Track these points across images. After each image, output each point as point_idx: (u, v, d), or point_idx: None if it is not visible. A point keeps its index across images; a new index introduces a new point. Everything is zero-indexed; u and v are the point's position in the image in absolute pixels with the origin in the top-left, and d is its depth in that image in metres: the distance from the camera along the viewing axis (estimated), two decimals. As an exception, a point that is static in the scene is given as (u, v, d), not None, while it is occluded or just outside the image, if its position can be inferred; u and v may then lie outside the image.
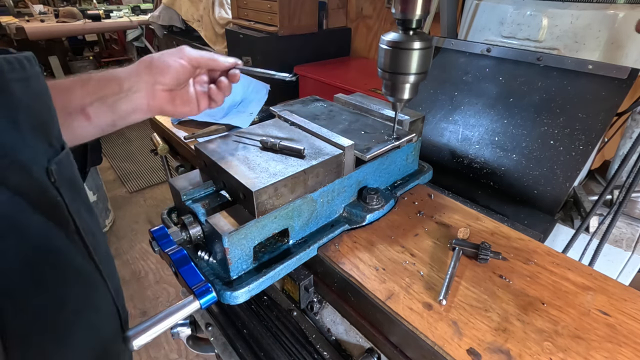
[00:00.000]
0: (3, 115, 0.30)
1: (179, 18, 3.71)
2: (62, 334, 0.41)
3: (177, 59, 0.68)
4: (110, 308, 0.49)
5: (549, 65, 1.03)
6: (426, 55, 0.71)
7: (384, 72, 0.74)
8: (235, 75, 0.75)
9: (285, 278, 0.79)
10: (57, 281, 0.40)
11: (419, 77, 0.73)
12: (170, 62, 0.67)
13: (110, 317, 0.49)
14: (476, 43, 1.17)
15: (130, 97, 0.65)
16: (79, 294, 0.43)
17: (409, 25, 0.69)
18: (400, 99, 0.77)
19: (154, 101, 0.69)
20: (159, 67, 0.67)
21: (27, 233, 0.37)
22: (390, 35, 0.71)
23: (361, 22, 3.01)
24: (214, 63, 0.72)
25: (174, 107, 0.72)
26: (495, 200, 0.99)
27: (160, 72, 0.67)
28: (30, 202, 0.36)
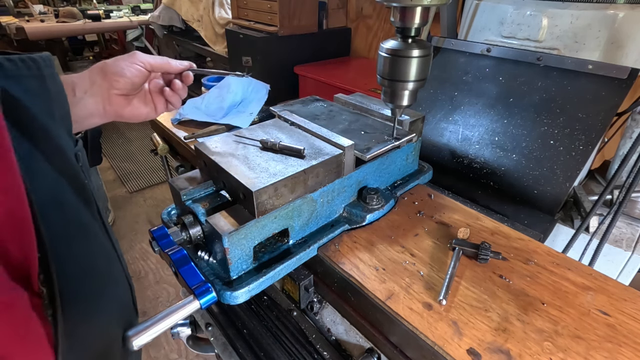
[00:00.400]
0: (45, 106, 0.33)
1: (179, 18, 3.71)
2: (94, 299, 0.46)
3: (132, 64, 0.69)
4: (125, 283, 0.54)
5: (549, 65, 1.03)
6: (425, 62, 0.72)
7: (383, 79, 0.75)
8: (188, 76, 0.77)
9: (285, 278, 0.79)
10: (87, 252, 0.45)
11: (418, 84, 0.74)
12: (124, 67, 0.69)
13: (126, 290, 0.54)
14: (476, 43, 1.16)
15: (85, 103, 0.66)
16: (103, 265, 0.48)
17: (408, 34, 0.70)
18: (399, 106, 0.78)
19: (110, 106, 0.70)
20: (114, 72, 0.68)
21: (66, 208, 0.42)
22: (390, 43, 0.72)
23: (361, 22, 3.01)
24: (167, 66, 0.74)
25: (131, 111, 0.73)
26: (495, 200, 0.99)
27: (114, 77, 0.68)
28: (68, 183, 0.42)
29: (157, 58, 0.73)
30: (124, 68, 0.68)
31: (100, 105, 0.68)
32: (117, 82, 0.68)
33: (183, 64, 0.76)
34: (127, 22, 4.46)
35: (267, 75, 2.69)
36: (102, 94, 0.68)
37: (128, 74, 0.69)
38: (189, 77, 0.77)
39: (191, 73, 0.77)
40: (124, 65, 0.69)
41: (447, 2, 0.66)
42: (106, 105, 0.69)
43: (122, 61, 0.69)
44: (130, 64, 0.69)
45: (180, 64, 0.76)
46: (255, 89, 1.34)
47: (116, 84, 0.68)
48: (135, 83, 0.70)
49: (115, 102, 0.70)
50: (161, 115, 1.33)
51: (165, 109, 0.79)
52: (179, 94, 0.78)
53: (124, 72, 0.68)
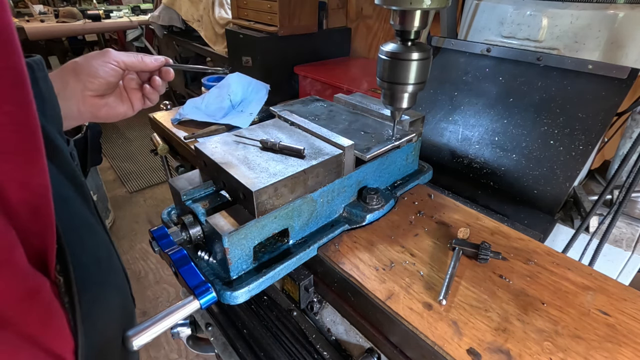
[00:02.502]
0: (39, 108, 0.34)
1: (179, 18, 3.71)
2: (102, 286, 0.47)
3: (106, 63, 0.67)
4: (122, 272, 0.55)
5: (549, 65, 1.03)
6: (425, 65, 0.72)
7: (383, 81, 0.75)
8: (169, 72, 0.75)
9: (285, 278, 0.79)
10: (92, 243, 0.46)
11: (417, 87, 0.74)
12: (98, 67, 0.66)
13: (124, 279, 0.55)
14: (476, 43, 1.17)
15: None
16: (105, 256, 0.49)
17: (408, 37, 0.70)
18: (399, 108, 0.78)
19: (85, 107, 0.67)
20: (87, 73, 0.65)
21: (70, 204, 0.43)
22: (389, 46, 0.72)
23: (361, 22, 3.01)
24: (142, 64, 0.72)
25: (107, 111, 0.72)
26: (495, 200, 0.99)
27: (88, 79, 0.65)
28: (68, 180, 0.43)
29: (130, 56, 0.70)
30: (97, 68, 0.66)
31: (74, 108, 0.66)
32: (91, 83, 0.66)
33: (158, 60, 0.74)
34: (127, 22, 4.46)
35: (267, 75, 2.69)
36: (75, 96, 0.65)
37: (102, 73, 0.66)
38: (169, 73, 0.75)
39: (171, 69, 0.75)
40: (98, 65, 0.66)
41: (446, 5, 0.66)
42: (80, 107, 0.67)
43: (94, 60, 0.66)
44: (104, 63, 0.67)
45: (155, 60, 0.73)
46: (255, 89, 1.34)
47: (90, 84, 0.66)
48: (110, 83, 0.68)
49: (90, 103, 0.68)
50: (161, 115, 1.33)
51: (143, 105, 0.77)
52: (158, 91, 0.76)
53: (98, 72, 0.66)
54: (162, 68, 0.75)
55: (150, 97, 0.76)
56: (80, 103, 0.66)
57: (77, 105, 0.66)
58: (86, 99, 0.67)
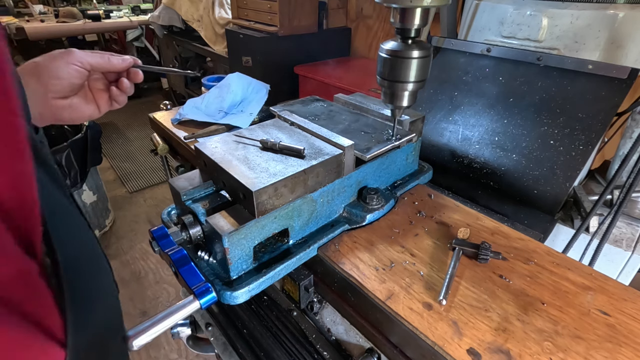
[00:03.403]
0: None
1: (179, 18, 3.71)
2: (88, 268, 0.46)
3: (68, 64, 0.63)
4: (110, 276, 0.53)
5: (549, 65, 1.03)
6: (425, 63, 0.72)
7: (383, 79, 0.75)
8: (137, 74, 0.71)
9: (285, 278, 0.79)
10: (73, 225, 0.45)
11: (417, 85, 0.74)
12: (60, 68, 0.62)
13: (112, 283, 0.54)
14: (476, 43, 1.16)
15: None
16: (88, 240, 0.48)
17: (408, 35, 0.70)
18: (399, 107, 0.78)
19: (47, 110, 0.64)
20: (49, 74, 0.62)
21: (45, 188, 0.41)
22: (389, 44, 0.71)
23: (361, 22, 3.01)
24: (109, 65, 0.68)
25: (71, 113, 0.68)
26: (495, 200, 0.99)
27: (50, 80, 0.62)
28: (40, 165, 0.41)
29: (96, 56, 0.67)
30: (60, 69, 0.62)
31: (35, 110, 0.62)
32: (54, 85, 0.62)
33: (126, 61, 0.70)
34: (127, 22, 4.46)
35: (267, 75, 2.69)
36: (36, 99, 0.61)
37: (65, 75, 0.62)
38: (137, 74, 0.72)
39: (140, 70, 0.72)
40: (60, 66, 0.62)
41: (447, 3, 0.66)
42: (42, 110, 0.63)
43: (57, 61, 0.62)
44: (67, 64, 0.63)
45: (122, 61, 0.70)
46: (255, 89, 1.34)
47: (52, 87, 0.62)
48: (73, 84, 0.65)
49: (52, 106, 0.64)
50: (161, 115, 1.33)
51: (110, 107, 0.73)
52: (126, 92, 0.73)
53: (61, 73, 0.62)
54: (130, 69, 0.71)
55: (118, 99, 0.72)
56: (41, 106, 0.63)
57: (39, 108, 0.63)
58: (48, 102, 0.63)
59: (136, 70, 0.71)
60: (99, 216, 2.68)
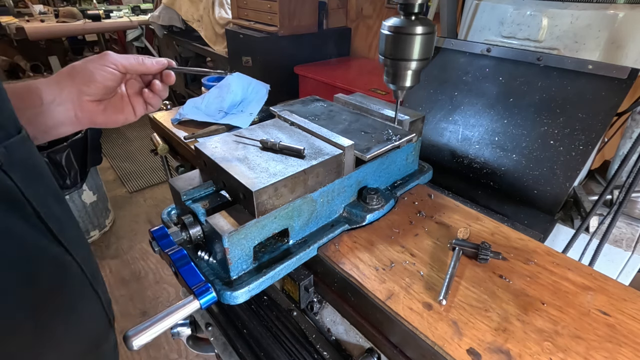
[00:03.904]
0: None
1: (179, 18, 3.71)
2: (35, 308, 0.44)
3: (103, 67, 0.64)
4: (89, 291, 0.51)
5: (549, 65, 1.03)
6: (428, 40, 0.69)
7: (386, 58, 0.72)
8: (170, 76, 0.71)
9: (285, 278, 0.79)
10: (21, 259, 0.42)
11: (421, 64, 0.71)
12: (94, 70, 0.63)
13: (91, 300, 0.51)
14: (476, 43, 1.16)
15: (53, 111, 0.61)
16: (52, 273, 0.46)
17: (411, 10, 0.67)
18: (402, 87, 0.75)
19: (82, 113, 0.65)
20: (83, 77, 0.63)
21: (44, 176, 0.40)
22: (392, 20, 0.69)
23: (361, 22, 3.01)
24: (143, 67, 0.68)
25: (106, 117, 0.68)
26: (495, 200, 0.99)
27: (84, 82, 0.63)
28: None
29: (130, 58, 0.67)
30: (94, 72, 0.63)
31: (72, 113, 0.63)
32: (88, 87, 0.63)
33: (160, 63, 0.70)
34: (127, 22, 4.46)
35: (267, 75, 2.69)
36: (72, 101, 0.63)
37: (99, 78, 0.63)
38: (170, 76, 0.72)
39: (172, 72, 0.72)
40: (94, 69, 0.63)
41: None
42: (78, 113, 0.64)
43: (91, 64, 0.64)
44: (101, 67, 0.64)
45: (156, 63, 0.70)
46: (255, 89, 1.34)
47: (87, 89, 0.63)
48: (108, 87, 0.65)
49: (88, 109, 0.65)
50: (161, 115, 1.33)
51: (145, 111, 0.74)
52: (160, 95, 0.73)
53: (95, 76, 0.63)
54: (163, 71, 0.72)
55: (151, 102, 0.73)
56: (77, 108, 0.64)
57: (74, 110, 0.64)
58: (84, 104, 0.64)
59: (168, 72, 0.71)
60: (99, 216, 2.68)
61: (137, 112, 0.73)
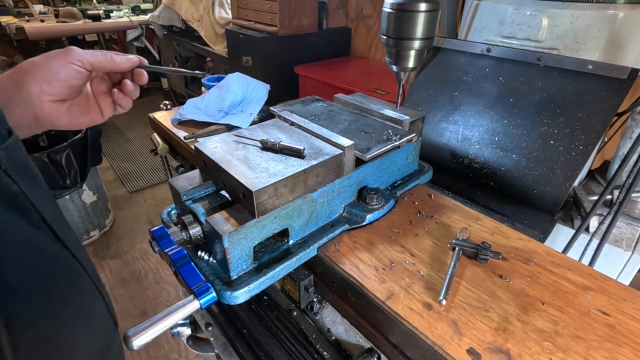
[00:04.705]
0: None
1: (179, 18, 3.71)
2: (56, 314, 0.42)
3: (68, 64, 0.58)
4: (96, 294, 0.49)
5: (549, 65, 1.03)
6: (432, 18, 0.67)
7: (388, 38, 0.70)
8: (142, 75, 0.66)
9: (285, 278, 0.79)
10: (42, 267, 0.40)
11: (424, 43, 0.69)
12: (58, 68, 0.57)
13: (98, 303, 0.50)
14: (476, 43, 1.16)
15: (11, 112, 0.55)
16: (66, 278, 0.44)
17: None
18: (404, 68, 0.73)
19: (43, 114, 0.58)
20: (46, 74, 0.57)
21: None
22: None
23: (361, 22, 3.01)
24: (112, 65, 0.62)
25: (70, 118, 0.62)
26: (495, 200, 0.99)
27: (46, 81, 0.57)
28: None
29: (97, 54, 0.61)
30: (58, 69, 0.57)
31: (31, 114, 0.57)
32: (51, 86, 0.57)
33: (131, 60, 0.64)
34: (127, 22, 4.46)
35: (267, 75, 2.69)
36: (31, 102, 0.56)
37: (63, 76, 0.57)
38: (142, 75, 0.66)
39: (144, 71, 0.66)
40: (58, 66, 0.57)
41: None
42: (38, 114, 0.58)
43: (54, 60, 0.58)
44: (66, 64, 0.58)
45: (127, 60, 0.64)
46: (255, 89, 1.34)
47: (49, 89, 0.57)
48: (72, 86, 0.60)
49: (50, 110, 0.59)
50: (161, 115, 1.33)
51: (114, 111, 0.68)
52: (130, 96, 0.67)
53: (58, 74, 0.57)
54: (134, 70, 0.66)
55: (121, 103, 0.67)
56: (37, 109, 0.57)
57: (34, 111, 0.57)
58: (45, 105, 0.58)
59: (140, 71, 0.66)
60: (99, 216, 2.68)
61: (105, 113, 0.67)
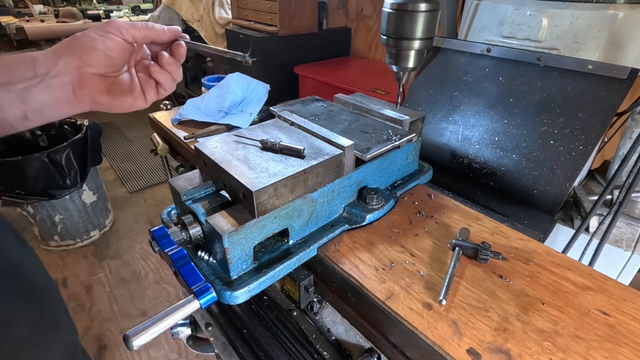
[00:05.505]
0: None
1: (179, 18, 3.71)
2: None
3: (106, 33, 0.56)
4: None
5: (549, 65, 1.03)
6: (432, 18, 0.67)
7: (388, 38, 0.70)
8: (180, 47, 0.62)
9: (285, 278, 0.79)
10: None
11: (424, 43, 0.69)
12: (97, 37, 0.55)
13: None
14: (476, 43, 1.16)
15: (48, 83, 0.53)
16: None
17: None
18: (404, 68, 0.73)
19: (82, 89, 0.56)
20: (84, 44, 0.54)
21: None
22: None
23: (361, 22, 3.01)
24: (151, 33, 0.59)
25: (111, 98, 0.59)
26: (495, 200, 0.99)
27: (85, 50, 0.54)
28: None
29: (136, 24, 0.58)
30: (96, 39, 0.55)
31: (69, 88, 0.55)
32: (88, 55, 0.54)
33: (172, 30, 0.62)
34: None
35: (267, 75, 2.69)
36: (70, 73, 0.54)
37: (101, 45, 0.55)
38: (180, 47, 0.63)
39: (183, 43, 0.64)
40: (97, 36, 0.55)
41: None
42: (77, 88, 0.55)
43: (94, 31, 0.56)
44: (105, 34, 0.56)
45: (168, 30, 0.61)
46: (255, 89, 1.34)
47: (87, 58, 0.54)
48: (112, 58, 0.57)
49: (89, 84, 0.56)
50: (161, 115, 1.33)
51: (157, 94, 0.65)
52: (169, 71, 0.63)
53: (97, 43, 0.55)
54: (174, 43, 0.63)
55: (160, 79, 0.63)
56: (76, 82, 0.55)
57: (73, 84, 0.55)
58: (84, 78, 0.55)
59: (179, 43, 0.62)
60: (99, 216, 2.68)
61: (148, 97, 0.64)
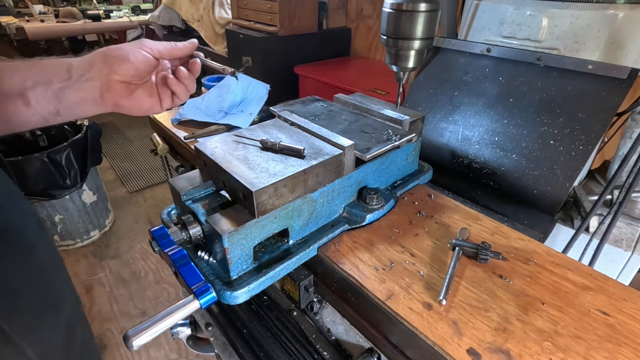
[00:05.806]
0: None
1: (179, 18, 3.71)
2: None
3: (138, 49, 0.66)
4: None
5: (549, 65, 1.03)
6: (432, 18, 0.68)
7: (388, 38, 0.71)
8: (195, 64, 0.73)
9: (285, 278, 0.79)
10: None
11: (424, 43, 0.69)
12: (129, 51, 0.65)
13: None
14: (476, 43, 1.16)
15: (81, 86, 0.62)
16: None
17: None
18: (404, 68, 0.74)
19: (109, 93, 0.65)
20: (117, 56, 0.64)
21: None
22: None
23: (361, 22, 3.01)
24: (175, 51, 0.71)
25: (131, 102, 0.69)
26: (495, 200, 0.99)
27: (117, 62, 0.64)
28: None
29: (164, 43, 0.70)
30: (128, 53, 0.65)
31: (97, 91, 0.64)
32: (119, 66, 0.64)
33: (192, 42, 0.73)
34: (127, 22, 4.47)
35: (267, 75, 2.69)
36: (100, 78, 0.64)
37: (132, 59, 0.65)
38: (196, 64, 0.73)
39: (199, 60, 0.74)
40: (129, 49, 0.65)
41: None
42: (104, 92, 0.65)
43: (127, 46, 0.66)
44: (136, 49, 0.66)
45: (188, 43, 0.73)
46: (255, 89, 1.34)
47: (118, 68, 0.64)
48: (139, 70, 0.66)
49: (115, 90, 0.66)
50: (161, 115, 1.33)
51: (172, 103, 0.74)
52: (185, 84, 0.73)
53: (128, 56, 0.65)
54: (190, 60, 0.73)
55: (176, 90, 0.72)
56: (104, 87, 0.64)
57: (101, 88, 0.64)
58: (112, 84, 0.65)
59: (194, 60, 0.73)
60: (99, 216, 2.68)
61: (164, 104, 0.73)
